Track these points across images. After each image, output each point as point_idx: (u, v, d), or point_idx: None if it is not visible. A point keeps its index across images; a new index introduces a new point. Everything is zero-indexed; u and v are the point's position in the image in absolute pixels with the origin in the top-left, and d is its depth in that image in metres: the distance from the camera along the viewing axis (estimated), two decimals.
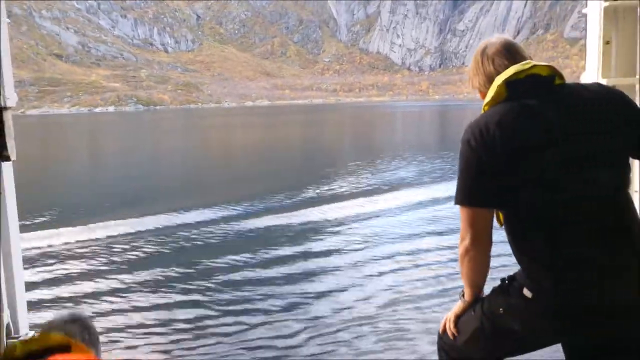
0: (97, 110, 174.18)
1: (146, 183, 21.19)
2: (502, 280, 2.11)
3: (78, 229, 11.88)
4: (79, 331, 2.04)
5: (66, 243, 10.82)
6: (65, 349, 1.88)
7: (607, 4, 3.00)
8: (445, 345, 2.31)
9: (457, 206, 2.09)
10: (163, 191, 18.49)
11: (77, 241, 10.94)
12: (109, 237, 11.29)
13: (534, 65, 2.04)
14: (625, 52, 3.10)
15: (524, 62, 2.07)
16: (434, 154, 26.55)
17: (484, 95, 2.16)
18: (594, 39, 3.15)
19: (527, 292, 1.95)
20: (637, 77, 3.07)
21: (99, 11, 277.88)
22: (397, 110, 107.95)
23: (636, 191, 3.06)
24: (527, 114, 1.96)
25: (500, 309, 2.05)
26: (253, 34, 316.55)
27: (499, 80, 2.05)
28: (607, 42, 3.08)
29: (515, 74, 2.03)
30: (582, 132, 1.93)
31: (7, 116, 2.72)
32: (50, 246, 10.60)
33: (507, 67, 2.09)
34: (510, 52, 2.15)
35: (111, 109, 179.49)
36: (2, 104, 2.70)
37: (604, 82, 3.06)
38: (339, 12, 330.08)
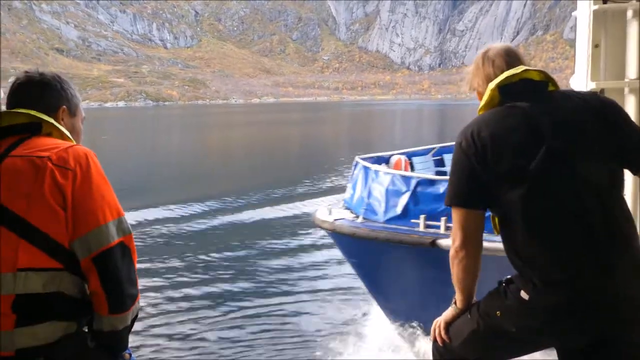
0: (108, 105, 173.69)
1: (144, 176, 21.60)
2: (499, 282, 2.12)
3: None
4: (39, 93, 2.02)
5: None
6: (35, 128, 1.94)
7: (596, 7, 3.05)
8: (440, 347, 2.30)
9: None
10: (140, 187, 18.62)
11: None
12: None
13: (526, 70, 2.09)
14: (614, 56, 3.08)
15: (516, 67, 2.11)
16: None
17: (481, 96, 2.20)
18: (583, 42, 3.17)
19: (523, 294, 1.96)
20: (626, 80, 3.03)
21: (97, 6, 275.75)
22: (409, 109, 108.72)
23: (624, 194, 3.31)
24: (517, 117, 2.01)
25: (497, 312, 2.05)
26: (252, 31, 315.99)
27: (492, 84, 2.09)
28: (596, 46, 3.11)
29: (508, 77, 2.08)
30: (570, 134, 1.97)
31: None
32: None
33: (504, 71, 2.13)
34: (509, 57, 2.18)
35: (121, 104, 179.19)
36: None
37: (592, 85, 3.03)
38: (338, 10, 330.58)
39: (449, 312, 2.27)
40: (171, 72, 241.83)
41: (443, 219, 5.56)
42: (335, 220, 6.38)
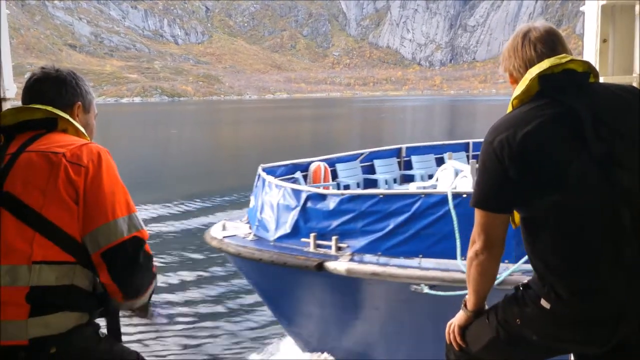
0: (124, 100, 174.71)
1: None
2: (516, 288, 2.06)
3: None
4: (56, 90, 2.05)
5: None
6: (51, 124, 1.98)
7: (604, 2, 3.03)
8: (456, 352, 2.26)
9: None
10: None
11: None
12: None
13: (572, 60, 1.93)
14: (622, 51, 3.07)
15: (560, 56, 1.94)
16: None
17: (514, 80, 2.06)
18: (591, 37, 3.11)
19: (544, 303, 1.91)
20: (634, 75, 3.02)
21: (109, 2, 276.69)
22: (424, 105, 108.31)
23: None
24: (557, 116, 1.87)
25: (517, 320, 2.01)
26: (262, 27, 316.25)
27: (532, 73, 1.93)
28: (604, 41, 3.07)
29: (551, 67, 1.92)
30: (614, 138, 1.85)
31: (6, 107, 2.68)
32: None
33: (546, 57, 1.97)
34: (553, 42, 2.01)
35: (137, 99, 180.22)
36: (2, 95, 2.70)
37: (600, 80, 3.02)
38: (348, 6, 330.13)
39: (461, 316, 2.21)
40: (183, 67, 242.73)
41: (334, 238, 5.03)
42: (224, 237, 5.90)
